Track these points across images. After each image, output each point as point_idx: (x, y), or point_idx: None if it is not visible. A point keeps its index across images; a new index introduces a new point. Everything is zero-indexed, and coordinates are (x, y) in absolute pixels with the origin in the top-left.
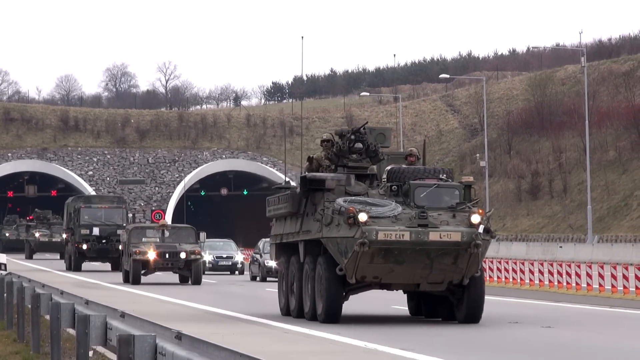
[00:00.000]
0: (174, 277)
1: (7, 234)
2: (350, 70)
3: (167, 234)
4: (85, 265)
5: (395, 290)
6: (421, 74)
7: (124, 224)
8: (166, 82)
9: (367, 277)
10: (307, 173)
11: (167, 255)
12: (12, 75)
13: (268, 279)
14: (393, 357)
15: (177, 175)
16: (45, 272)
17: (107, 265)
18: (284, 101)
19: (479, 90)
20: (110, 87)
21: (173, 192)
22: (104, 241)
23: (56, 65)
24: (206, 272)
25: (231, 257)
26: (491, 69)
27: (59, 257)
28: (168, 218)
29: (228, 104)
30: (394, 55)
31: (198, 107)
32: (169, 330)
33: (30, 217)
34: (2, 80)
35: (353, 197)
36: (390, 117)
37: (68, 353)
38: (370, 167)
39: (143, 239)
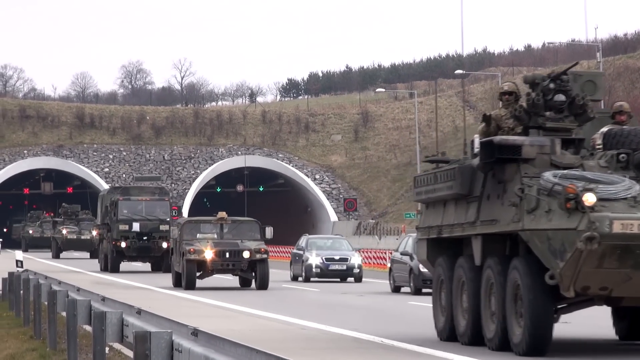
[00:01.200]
0: (227, 281)
1: (30, 231)
2: (365, 67)
3: (226, 229)
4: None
5: (621, 306)
6: (437, 69)
7: (167, 218)
8: (182, 79)
9: (592, 289)
10: (483, 138)
11: (227, 255)
12: (28, 73)
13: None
14: (411, 354)
15: (193, 171)
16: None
17: (147, 266)
18: (300, 97)
19: (494, 86)
20: (126, 84)
21: (189, 189)
22: (145, 238)
23: (72, 62)
24: (312, 280)
25: (345, 260)
26: (507, 64)
27: (88, 256)
28: (185, 214)
29: (243, 101)
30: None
31: (213, 103)
32: (186, 327)
33: (48, 214)
34: (18, 77)
35: (566, 171)
36: (405, 113)
37: (84, 350)
38: (575, 129)
39: (198, 235)
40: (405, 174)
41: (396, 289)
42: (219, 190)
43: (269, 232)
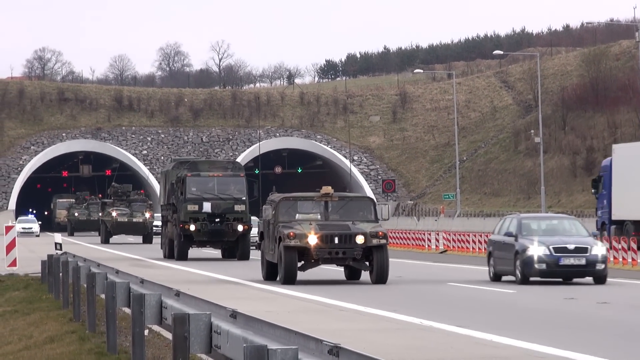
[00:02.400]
0: (332, 272)
1: (76, 214)
2: (403, 47)
3: (331, 207)
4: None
5: None
6: (475, 50)
7: (243, 197)
8: (219, 61)
9: None
10: None
11: (335, 240)
12: (66, 56)
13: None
14: (448, 334)
15: (231, 153)
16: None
17: (214, 253)
18: (337, 79)
19: (533, 66)
20: (164, 66)
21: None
22: (217, 220)
23: (109, 45)
24: (531, 279)
25: (585, 251)
26: (545, 45)
27: (141, 240)
28: None
29: (281, 82)
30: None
31: (251, 85)
32: (224, 309)
33: (88, 197)
34: (56, 60)
35: None
36: (444, 94)
37: (124, 332)
38: None
39: (297, 216)
40: (443, 155)
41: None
42: (257, 172)
43: (386, 211)
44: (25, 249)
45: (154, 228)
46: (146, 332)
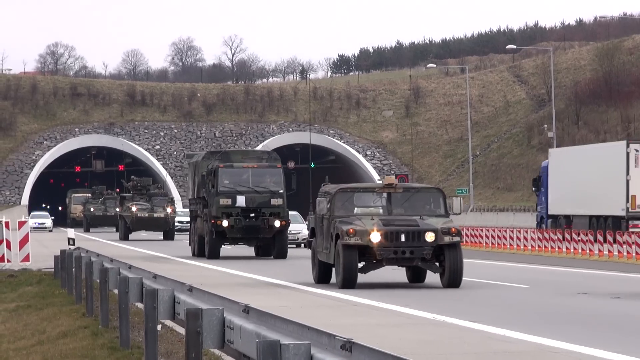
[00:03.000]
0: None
1: (92, 209)
2: (416, 42)
3: (395, 200)
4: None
5: None
6: (488, 45)
7: (280, 190)
8: (232, 56)
9: None
10: None
11: (402, 238)
12: (79, 51)
13: None
14: (461, 329)
15: (244, 148)
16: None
17: (246, 250)
18: (350, 73)
19: (546, 60)
20: (177, 61)
21: None
22: (252, 215)
23: (122, 40)
24: None
25: None
26: (558, 39)
27: (162, 236)
28: None
29: (294, 77)
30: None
31: (264, 80)
32: (237, 304)
33: (105, 192)
34: (69, 55)
35: None
36: (457, 88)
37: (137, 327)
38: None
39: (355, 210)
40: (456, 150)
41: None
42: None
43: (457, 204)
44: (38, 244)
45: (175, 224)
46: (159, 327)
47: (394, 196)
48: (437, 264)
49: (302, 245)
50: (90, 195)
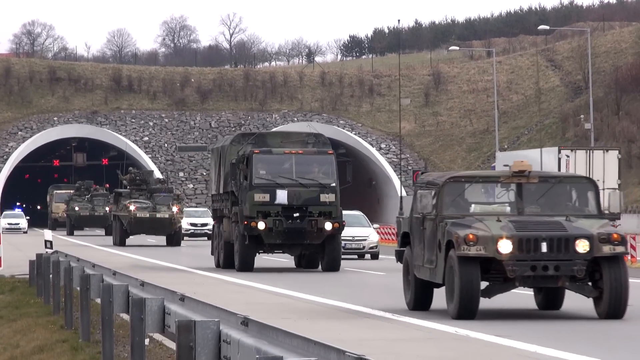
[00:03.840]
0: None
1: (76, 208)
2: (437, 22)
3: (527, 193)
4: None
5: None
6: (517, 25)
7: (332, 183)
8: (230, 37)
9: None
10: None
11: (543, 247)
12: (58, 30)
13: None
14: (487, 345)
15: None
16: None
17: (280, 259)
18: (363, 57)
19: (582, 43)
20: (168, 42)
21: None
22: (296, 215)
23: (107, 18)
24: None
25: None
26: (597, 19)
27: (164, 241)
28: None
29: (300, 61)
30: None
31: (266, 64)
32: (235, 315)
33: (93, 187)
34: (47, 35)
35: None
36: (482, 74)
37: (122, 341)
38: None
39: (472, 208)
40: (481, 143)
41: None
42: None
43: (616, 200)
44: (12, 248)
45: (185, 227)
46: (147, 341)
47: (526, 188)
48: (591, 284)
49: (368, 256)
50: (74, 191)
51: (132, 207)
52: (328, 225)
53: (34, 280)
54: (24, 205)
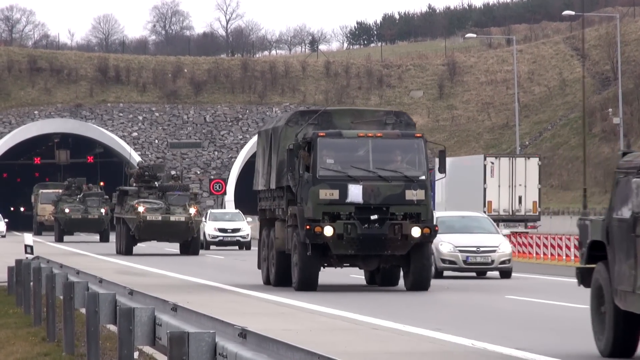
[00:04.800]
0: None
1: (66, 210)
2: (452, 7)
3: None
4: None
5: None
6: (540, 10)
7: (422, 176)
8: (227, 23)
9: None
10: None
11: None
12: (39, 16)
13: None
14: (506, 359)
15: (241, 136)
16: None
17: (344, 274)
18: (372, 45)
19: (611, 30)
20: (159, 29)
21: (236, 158)
22: (374, 218)
23: (92, 3)
24: None
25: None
26: (627, 4)
27: (179, 249)
28: (230, 190)
29: (303, 50)
30: None
31: (266, 53)
32: (232, 326)
33: (85, 186)
34: (27, 22)
35: None
36: (502, 63)
37: (108, 354)
38: None
39: None
40: (500, 139)
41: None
42: None
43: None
44: None
45: (208, 234)
46: (136, 354)
47: None
48: None
49: (496, 273)
50: (63, 191)
51: (140, 209)
52: (416, 231)
53: (13, 288)
54: (6, 207)
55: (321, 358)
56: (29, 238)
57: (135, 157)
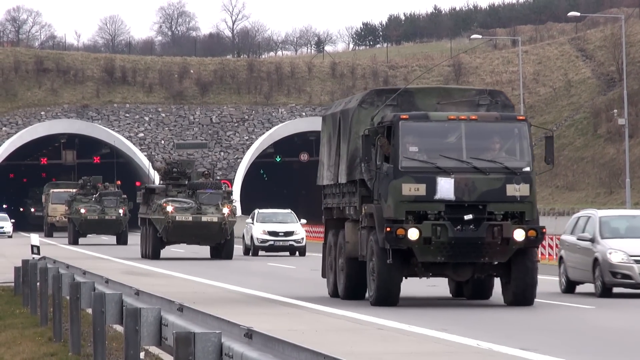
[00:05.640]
0: None
1: (82, 210)
2: (458, 8)
3: None
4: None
5: None
6: (545, 11)
7: (527, 167)
8: (233, 24)
9: None
10: None
11: None
12: (45, 17)
13: None
14: (511, 359)
15: (247, 137)
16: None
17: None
18: (377, 46)
19: (616, 31)
20: (165, 30)
21: (242, 159)
22: (468, 219)
23: (99, 4)
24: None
25: None
26: (632, 5)
27: (209, 253)
28: (236, 190)
29: (308, 50)
30: None
31: (272, 54)
32: (238, 326)
33: (100, 185)
34: (34, 22)
35: None
36: (507, 64)
37: (115, 354)
38: None
39: None
40: None
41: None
42: (278, 159)
43: None
44: None
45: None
46: (142, 354)
47: None
48: None
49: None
50: (77, 190)
51: (169, 208)
52: (519, 234)
53: (19, 288)
54: (11, 207)
55: (327, 358)
56: (35, 238)
57: (142, 158)
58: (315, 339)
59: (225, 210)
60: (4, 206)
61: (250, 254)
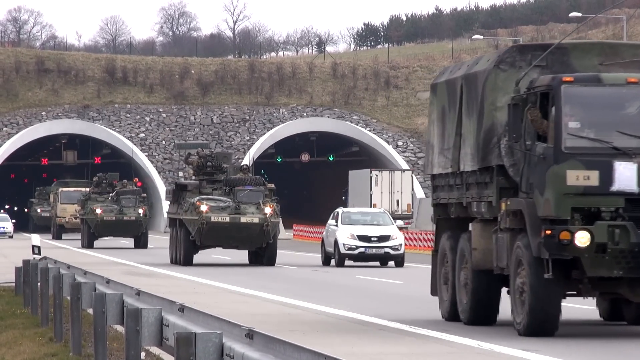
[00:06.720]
0: None
1: (98, 211)
2: (459, 9)
3: None
4: None
5: None
6: (547, 12)
7: None
8: (234, 25)
9: None
10: None
11: None
12: (46, 17)
13: None
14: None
15: (248, 137)
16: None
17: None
18: (378, 46)
19: (618, 32)
20: (166, 30)
21: (243, 159)
22: None
23: (100, 4)
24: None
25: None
26: (634, 5)
27: (247, 258)
28: None
29: (310, 51)
30: None
31: (273, 54)
32: (239, 327)
33: (116, 182)
34: (35, 22)
35: None
36: None
37: (115, 355)
38: None
39: None
40: None
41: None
42: (279, 160)
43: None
44: None
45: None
46: (143, 355)
47: None
48: None
49: None
50: (91, 189)
51: (203, 208)
52: None
53: (20, 288)
54: (13, 208)
55: (327, 359)
56: (36, 238)
57: (143, 159)
58: (316, 339)
59: (268, 210)
60: (7, 207)
61: (335, 264)
